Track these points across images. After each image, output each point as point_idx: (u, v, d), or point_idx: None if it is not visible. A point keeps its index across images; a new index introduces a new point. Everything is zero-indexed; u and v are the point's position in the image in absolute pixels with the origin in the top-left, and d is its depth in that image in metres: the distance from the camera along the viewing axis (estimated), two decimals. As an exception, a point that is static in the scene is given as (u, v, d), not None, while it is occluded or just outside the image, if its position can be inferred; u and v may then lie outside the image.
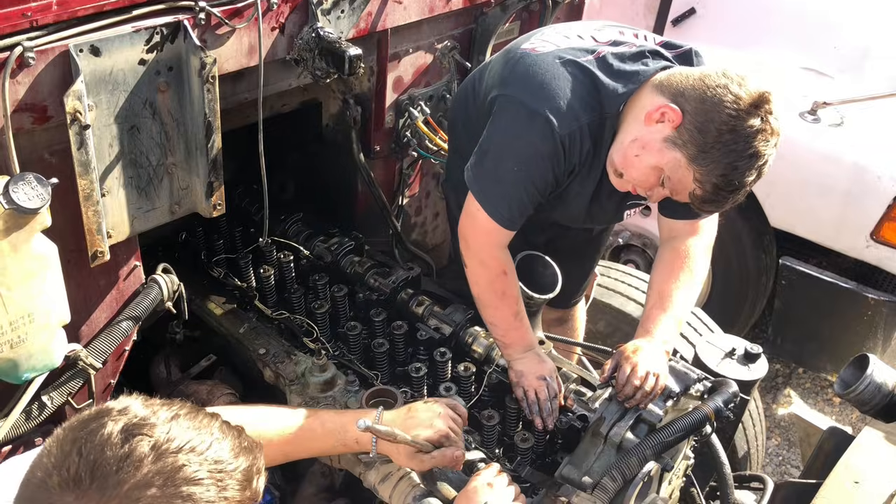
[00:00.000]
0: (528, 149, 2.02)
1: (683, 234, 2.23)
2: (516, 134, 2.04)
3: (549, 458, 2.19)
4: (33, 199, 1.62)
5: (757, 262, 3.82)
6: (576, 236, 2.64)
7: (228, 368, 2.67)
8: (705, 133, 1.80)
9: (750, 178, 1.82)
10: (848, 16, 3.75)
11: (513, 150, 2.05)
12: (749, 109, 1.78)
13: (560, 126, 1.96)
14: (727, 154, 1.79)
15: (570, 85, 1.97)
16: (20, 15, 1.60)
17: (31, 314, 1.76)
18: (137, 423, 1.03)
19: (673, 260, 2.23)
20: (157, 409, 1.07)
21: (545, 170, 2.03)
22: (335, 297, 2.55)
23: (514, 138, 2.04)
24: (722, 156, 1.79)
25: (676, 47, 2.09)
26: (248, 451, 1.11)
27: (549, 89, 1.98)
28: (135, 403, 1.08)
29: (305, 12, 2.14)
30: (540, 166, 2.02)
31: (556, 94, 1.97)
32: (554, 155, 2.00)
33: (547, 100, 1.97)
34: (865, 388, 2.14)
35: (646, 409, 2.03)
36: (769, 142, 1.80)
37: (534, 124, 1.98)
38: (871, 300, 3.42)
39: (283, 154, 2.85)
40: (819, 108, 3.45)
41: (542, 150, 2.00)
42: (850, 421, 4.01)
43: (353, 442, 1.75)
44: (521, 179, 2.05)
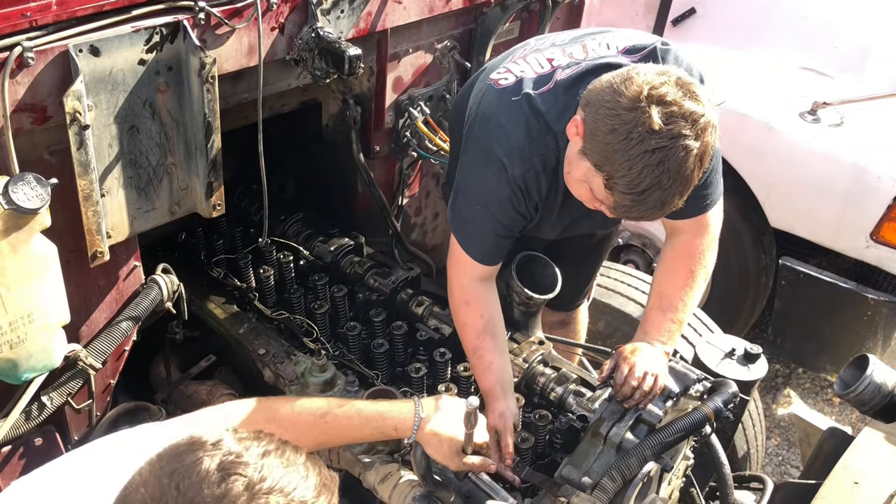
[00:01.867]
0: (487, 191, 2.06)
1: (686, 232, 2.21)
2: (477, 175, 2.08)
3: (549, 459, 2.19)
4: (33, 200, 1.62)
5: (757, 262, 3.81)
6: (577, 242, 2.62)
7: (228, 368, 2.67)
8: (596, 137, 1.75)
9: (656, 175, 1.69)
10: (848, 16, 3.75)
11: (475, 191, 2.10)
12: (626, 105, 1.70)
13: (513, 169, 1.98)
14: (616, 154, 1.71)
15: (522, 125, 1.97)
16: (20, 15, 1.60)
17: (31, 314, 1.76)
18: (233, 462, 1.06)
19: (675, 260, 2.21)
20: (249, 445, 1.10)
21: (507, 209, 2.05)
22: (335, 297, 2.55)
23: (475, 180, 2.09)
24: (614, 156, 1.72)
25: (640, 49, 2.04)
26: (328, 489, 1.14)
27: (503, 132, 1.99)
28: (227, 438, 1.10)
29: (305, 12, 2.14)
30: (501, 207, 2.05)
31: (508, 137, 1.98)
32: (512, 196, 2.02)
33: (500, 143, 1.99)
34: (865, 389, 2.13)
35: (645, 410, 2.03)
36: (662, 132, 1.66)
37: (489, 168, 2.02)
38: (871, 300, 3.42)
39: (283, 154, 2.85)
40: (819, 108, 3.45)
41: (500, 193, 2.03)
42: (849, 421, 4.01)
43: (391, 429, 1.78)
44: (487, 218, 2.08)
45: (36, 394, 1.95)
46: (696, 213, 2.14)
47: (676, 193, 1.73)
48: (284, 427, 1.66)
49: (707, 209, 2.15)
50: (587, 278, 2.90)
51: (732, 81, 3.66)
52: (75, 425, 2.18)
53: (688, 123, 1.68)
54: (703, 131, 1.70)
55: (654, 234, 4.05)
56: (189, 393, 2.53)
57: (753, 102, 3.56)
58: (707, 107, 1.72)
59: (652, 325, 2.16)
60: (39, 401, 1.99)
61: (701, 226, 2.18)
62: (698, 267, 2.19)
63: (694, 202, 2.09)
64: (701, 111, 1.70)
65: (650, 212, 1.78)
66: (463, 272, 2.16)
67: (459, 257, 2.15)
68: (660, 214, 1.82)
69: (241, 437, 1.11)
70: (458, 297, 2.18)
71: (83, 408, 2.13)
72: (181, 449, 1.08)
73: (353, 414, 1.77)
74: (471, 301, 2.16)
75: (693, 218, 2.16)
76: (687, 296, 2.17)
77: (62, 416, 2.12)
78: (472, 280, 2.16)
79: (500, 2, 2.69)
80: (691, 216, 2.15)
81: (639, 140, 1.67)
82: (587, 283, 2.92)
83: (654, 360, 2.06)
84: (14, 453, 2.06)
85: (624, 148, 1.69)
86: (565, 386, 2.22)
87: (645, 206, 1.75)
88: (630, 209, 1.78)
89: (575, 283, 2.80)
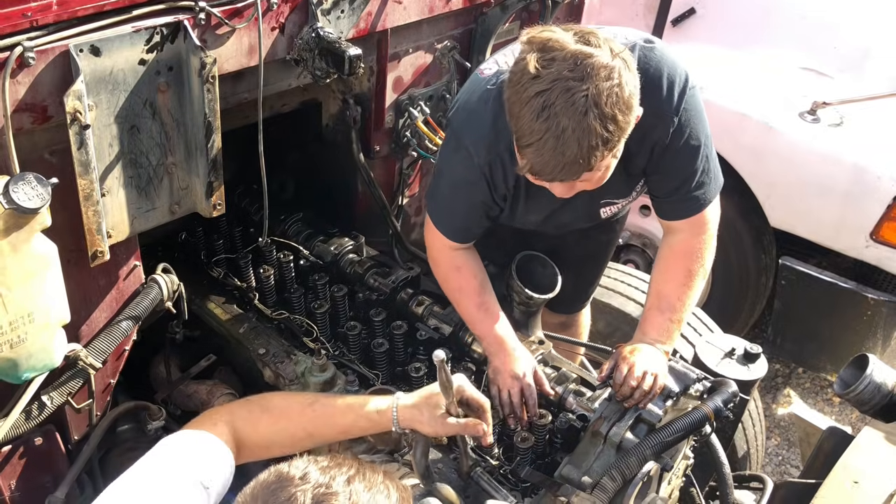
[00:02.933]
0: (456, 175, 2.11)
1: (682, 231, 2.20)
2: (447, 160, 2.15)
3: (549, 458, 2.19)
4: (33, 199, 1.62)
5: (757, 262, 3.81)
6: (579, 245, 2.61)
7: (228, 368, 2.67)
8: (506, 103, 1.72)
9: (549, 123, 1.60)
10: (848, 16, 3.75)
11: (446, 174, 2.17)
12: (516, 59, 1.69)
13: (479, 157, 2.00)
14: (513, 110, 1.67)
15: (490, 113, 1.96)
16: (20, 15, 1.60)
17: (31, 314, 1.76)
18: (325, 494, 1.13)
19: (672, 259, 2.21)
20: (335, 474, 1.17)
21: (475, 194, 2.08)
22: (335, 297, 2.55)
23: (446, 165, 2.16)
24: (513, 116, 1.68)
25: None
26: (406, 501, 1.23)
27: (473, 120, 2.01)
28: (312, 469, 1.17)
29: (305, 12, 2.14)
30: (470, 191, 2.09)
31: (478, 125, 1.99)
32: (479, 182, 2.05)
33: (469, 132, 2.02)
34: (865, 388, 2.14)
35: (645, 410, 2.03)
36: (541, 79, 1.60)
37: (458, 154, 2.05)
38: (871, 300, 3.42)
39: (283, 154, 2.85)
40: (819, 108, 3.45)
41: (468, 178, 2.06)
42: (849, 421, 4.01)
43: (373, 413, 1.78)
44: (457, 201, 2.15)
45: (36, 393, 1.95)
46: (691, 212, 2.13)
47: (575, 142, 1.61)
48: (276, 417, 1.73)
49: (702, 208, 2.13)
50: (589, 282, 2.90)
51: (732, 81, 3.66)
52: (75, 425, 2.19)
53: (569, 64, 1.60)
54: (591, 73, 1.59)
55: (654, 233, 4.05)
56: (189, 393, 2.53)
57: (753, 102, 3.56)
58: (604, 50, 1.62)
59: (651, 325, 2.16)
60: (39, 400, 1.99)
61: (697, 224, 2.16)
62: (696, 266, 2.18)
63: (688, 202, 2.11)
64: (590, 52, 1.60)
65: (557, 167, 1.66)
66: (442, 245, 2.22)
67: (433, 232, 2.21)
68: (573, 170, 1.67)
69: (324, 466, 1.18)
70: (446, 264, 2.23)
71: (83, 407, 2.13)
72: (272, 486, 1.15)
73: (339, 402, 1.81)
74: (461, 266, 2.22)
75: (689, 217, 2.15)
76: (685, 295, 2.17)
77: (62, 416, 2.12)
78: (452, 249, 2.22)
79: (500, 2, 2.69)
80: (687, 216, 2.15)
81: (522, 89, 1.63)
82: (589, 287, 2.92)
83: (654, 359, 2.06)
84: (14, 453, 2.06)
85: (516, 101, 1.66)
86: (565, 385, 2.22)
87: (546, 156, 1.65)
88: (538, 166, 1.69)
89: (576, 287, 2.79)
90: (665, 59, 1.92)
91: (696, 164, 2.04)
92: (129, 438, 2.47)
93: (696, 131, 1.99)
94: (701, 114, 2.00)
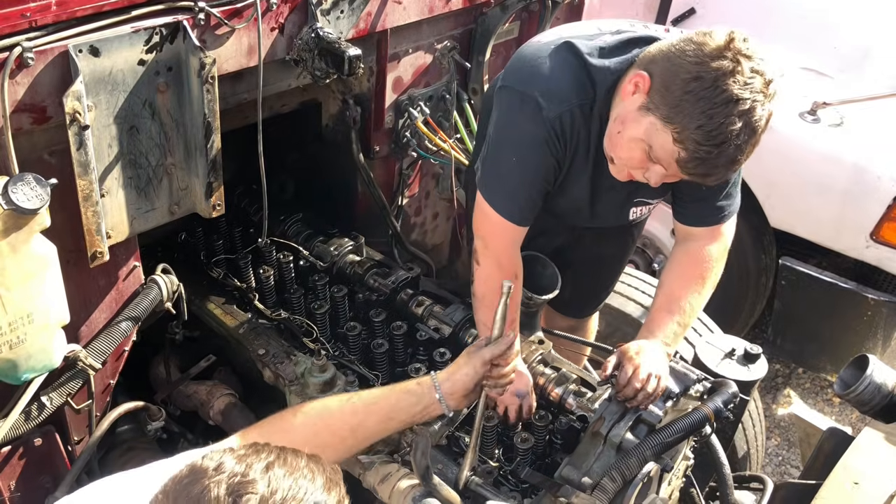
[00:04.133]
0: (522, 136, 2.00)
1: (700, 239, 2.19)
2: (510, 121, 2.03)
3: (549, 459, 2.19)
4: (32, 200, 1.62)
5: (757, 262, 3.81)
6: (591, 246, 2.59)
7: (228, 369, 2.67)
8: (672, 88, 1.71)
9: (735, 128, 1.67)
10: (848, 16, 3.75)
11: (509, 139, 2.04)
12: (713, 53, 1.68)
13: (549, 108, 1.92)
14: (697, 103, 1.68)
15: (561, 67, 1.93)
16: (19, 15, 1.60)
17: (31, 315, 1.76)
18: (241, 483, 1.06)
19: (687, 263, 2.19)
20: (251, 462, 1.10)
21: (542, 155, 1.99)
22: (335, 297, 2.55)
23: (509, 127, 2.03)
24: (693, 107, 1.68)
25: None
26: (335, 483, 1.15)
27: (540, 72, 1.95)
28: (227, 458, 1.10)
29: (305, 12, 2.14)
30: (536, 153, 1.99)
31: (546, 77, 1.93)
32: (547, 140, 1.96)
33: (537, 83, 1.94)
34: (865, 389, 2.13)
35: (646, 410, 2.03)
36: (748, 85, 1.67)
37: (525, 109, 1.96)
38: (871, 300, 3.42)
39: (283, 154, 2.85)
40: (819, 108, 3.45)
41: (536, 136, 1.97)
42: (849, 421, 4.01)
43: (413, 385, 1.78)
44: (521, 170, 2.02)
45: (36, 394, 1.95)
46: (714, 221, 2.14)
47: (743, 154, 1.71)
48: (313, 420, 1.66)
49: (725, 220, 2.15)
50: (599, 288, 2.86)
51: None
52: (75, 425, 2.18)
53: (765, 85, 1.69)
54: (773, 97, 1.71)
55: (654, 234, 4.04)
56: (189, 393, 2.53)
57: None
58: (776, 70, 1.73)
59: (657, 326, 2.14)
60: (39, 401, 1.99)
61: (715, 235, 2.17)
62: (709, 274, 2.17)
63: (714, 211, 2.12)
64: (771, 77, 1.70)
65: (721, 168, 1.74)
66: (505, 240, 2.12)
67: (496, 222, 2.09)
68: (724, 174, 1.78)
69: (240, 454, 1.11)
70: (510, 270, 2.14)
71: (83, 408, 2.13)
72: (184, 481, 1.08)
73: (375, 390, 1.79)
74: (519, 275, 2.16)
75: (710, 227, 2.16)
76: (695, 301, 2.16)
77: (62, 417, 2.12)
78: (515, 249, 2.14)
79: (500, 2, 2.69)
80: (709, 224, 2.15)
81: (724, 89, 1.65)
82: (600, 293, 2.89)
83: (658, 361, 2.05)
84: (14, 453, 2.06)
85: (709, 96, 1.66)
86: (565, 386, 2.22)
87: (719, 159, 1.71)
88: (702, 163, 1.73)
89: (587, 292, 2.78)
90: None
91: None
92: (129, 439, 2.47)
93: None
94: None
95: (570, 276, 2.51)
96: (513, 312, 2.14)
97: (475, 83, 2.83)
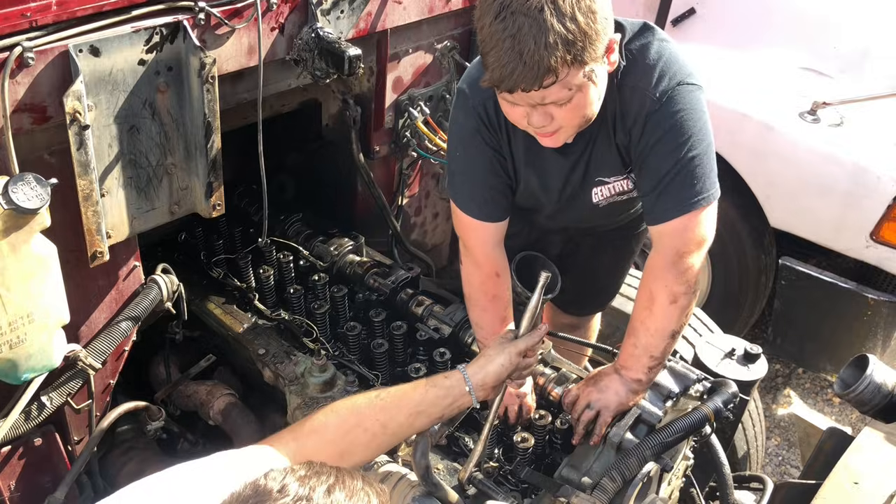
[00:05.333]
0: (459, 130, 1.99)
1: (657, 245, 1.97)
2: (452, 118, 2.04)
3: (549, 459, 2.19)
4: (33, 200, 1.62)
5: (757, 262, 3.81)
6: (592, 252, 2.56)
7: (228, 368, 2.67)
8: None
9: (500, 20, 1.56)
10: (848, 16, 3.75)
11: (453, 134, 2.05)
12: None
13: (472, 97, 1.90)
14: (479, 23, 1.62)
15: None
16: (20, 15, 1.60)
17: (31, 314, 1.76)
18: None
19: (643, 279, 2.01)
20: (314, 484, 1.12)
21: (478, 146, 1.96)
22: (335, 297, 2.55)
23: (452, 123, 2.05)
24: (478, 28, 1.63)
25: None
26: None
27: (474, 65, 1.93)
28: (290, 480, 1.12)
29: (305, 12, 2.14)
30: (473, 145, 1.96)
31: (476, 68, 1.90)
32: (478, 129, 1.93)
33: (467, 75, 1.95)
34: (865, 389, 2.13)
35: (644, 410, 2.03)
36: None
37: (458, 102, 1.97)
38: (871, 300, 3.42)
39: (283, 154, 2.85)
40: (819, 108, 3.45)
41: (468, 127, 1.95)
42: (849, 421, 4.01)
43: (441, 378, 1.76)
44: (468, 164, 2.01)
45: (36, 394, 1.95)
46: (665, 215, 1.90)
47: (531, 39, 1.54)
48: (343, 417, 1.64)
49: (676, 213, 1.88)
50: (602, 290, 2.83)
51: (732, 81, 3.66)
52: (75, 425, 2.19)
53: None
54: None
55: (654, 234, 4.04)
56: (189, 393, 2.53)
57: (753, 102, 3.56)
58: None
59: (621, 351, 2.07)
60: (39, 401, 1.99)
61: (672, 237, 1.92)
62: (660, 287, 1.94)
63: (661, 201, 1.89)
64: None
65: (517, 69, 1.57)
66: (479, 239, 2.08)
67: (466, 222, 2.07)
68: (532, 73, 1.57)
69: (301, 475, 1.13)
70: (488, 268, 2.11)
71: (83, 408, 2.13)
72: (249, 501, 1.10)
73: (402, 386, 1.76)
74: (501, 273, 2.12)
75: (671, 222, 1.90)
76: (647, 319, 1.98)
77: (62, 416, 2.12)
78: (493, 248, 2.09)
79: (499, 2, 2.69)
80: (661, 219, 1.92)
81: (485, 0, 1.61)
82: (602, 295, 2.86)
83: (607, 392, 2.03)
84: (14, 453, 2.06)
85: (481, 14, 1.61)
86: (565, 386, 2.22)
87: (504, 58, 1.57)
88: (498, 72, 1.59)
89: (589, 292, 2.76)
90: (673, 53, 1.85)
91: (672, 161, 1.85)
92: (129, 438, 2.47)
93: (683, 127, 1.83)
94: (695, 113, 1.84)
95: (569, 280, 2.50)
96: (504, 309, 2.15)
97: (475, 83, 2.83)
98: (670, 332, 1.97)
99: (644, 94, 1.83)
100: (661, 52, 1.84)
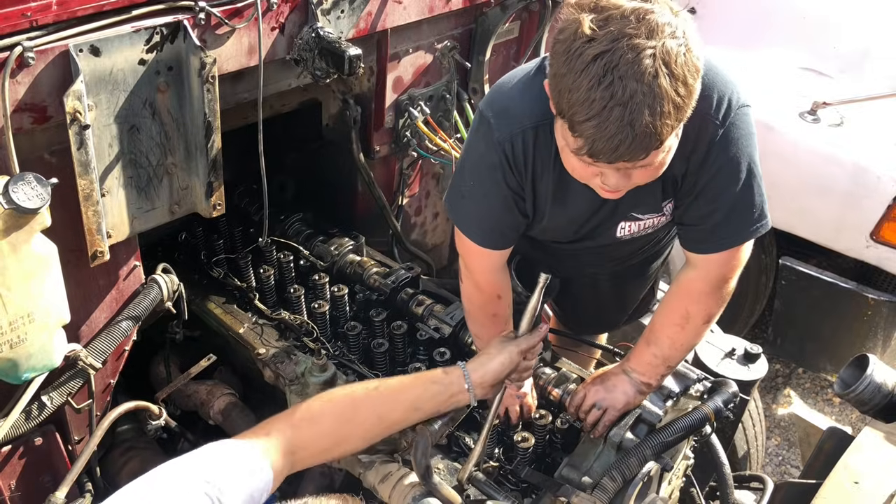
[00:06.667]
0: (477, 159, 1.84)
1: (697, 268, 1.94)
2: (469, 142, 1.89)
3: (549, 459, 2.19)
4: (33, 199, 1.62)
5: (757, 262, 3.81)
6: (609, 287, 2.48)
7: (228, 368, 2.67)
8: (552, 80, 1.49)
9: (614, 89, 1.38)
10: (848, 16, 3.75)
11: (468, 160, 1.90)
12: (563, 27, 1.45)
13: (499, 130, 1.74)
14: (566, 82, 1.43)
15: (524, 86, 1.75)
16: (20, 15, 1.60)
17: (31, 314, 1.76)
18: None
19: (672, 295, 2.00)
20: None
21: (495, 182, 1.82)
22: (335, 297, 2.55)
23: (468, 148, 1.90)
24: (565, 89, 1.44)
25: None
26: None
27: (502, 91, 1.80)
28: None
29: (305, 12, 2.14)
30: (490, 178, 1.82)
31: (505, 96, 1.78)
32: (500, 165, 1.78)
33: (495, 102, 1.80)
34: (865, 389, 2.13)
35: (645, 410, 2.03)
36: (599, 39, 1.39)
37: (480, 129, 1.81)
38: (871, 300, 3.42)
39: (283, 154, 2.85)
40: (819, 108, 3.45)
41: (488, 160, 1.79)
42: (849, 421, 4.01)
43: (440, 373, 1.77)
44: (481, 195, 1.86)
45: (36, 393, 1.95)
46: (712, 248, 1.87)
47: (646, 107, 1.38)
48: (340, 409, 1.65)
49: (725, 247, 1.86)
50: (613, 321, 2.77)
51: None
52: (75, 425, 2.19)
53: (632, 22, 1.39)
54: (657, 31, 1.38)
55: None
56: (189, 393, 2.53)
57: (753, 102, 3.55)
58: (663, 8, 1.42)
59: (634, 355, 2.08)
60: (39, 400, 1.99)
61: (715, 265, 1.89)
62: (697, 309, 1.95)
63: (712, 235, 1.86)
64: (650, 8, 1.40)
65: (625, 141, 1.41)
66: (483, 265, 2.00)
67: (463, 240, 1.97)
68: (643, 144, 1.43)
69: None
70: (490, 292, 2.06)
71: (83, 407, 2.13)
72: None
73: (401, 378, 1.77)
74: (503, 294, 2.08)
75: (708, 254, 1.88)
76: (677, 335, 1.99)
77: (62, 416, 2.13)
78: (496, 272, 2.02)
79: (499, 2, 2.69)
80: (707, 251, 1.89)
81: (576, 56, 1.41)
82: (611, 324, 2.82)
83: (614, 391, 2.04)
84: (14, 453, 2.06)
85: (568, 71, 1.42)
86: (565, 386, 2.22)
87: (612, 129, 1.40)
88: (602, 143, 1.43)
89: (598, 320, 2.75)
90: (712, 64, 1.70)
91: (734, 189, 1.77)
92: (129, 438, 2.47)
93: (744, 154, 1.75)
94: (753, 138, 1.76)
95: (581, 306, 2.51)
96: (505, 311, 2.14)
97: (475, 83, 2.83)
98: (693, 346, 2.03)
99: (705, 118, 1.68)
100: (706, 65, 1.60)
